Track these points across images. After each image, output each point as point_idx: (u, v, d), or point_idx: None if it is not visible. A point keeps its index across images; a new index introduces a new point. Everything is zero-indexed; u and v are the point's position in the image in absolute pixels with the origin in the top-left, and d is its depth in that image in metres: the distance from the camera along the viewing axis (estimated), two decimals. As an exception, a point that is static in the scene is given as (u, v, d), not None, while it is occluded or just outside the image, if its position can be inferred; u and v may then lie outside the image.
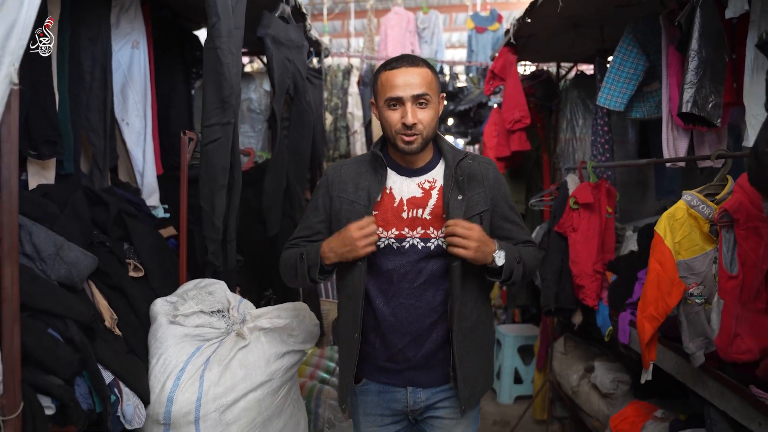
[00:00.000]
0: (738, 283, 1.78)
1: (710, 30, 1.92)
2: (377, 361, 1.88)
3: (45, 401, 1.60)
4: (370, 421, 1.93)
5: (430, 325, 1.82)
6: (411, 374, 1.86)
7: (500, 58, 3.74)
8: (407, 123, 1.71)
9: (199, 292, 2.33)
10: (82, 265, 2.02)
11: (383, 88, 1.76)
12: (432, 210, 1.80)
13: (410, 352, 1.83)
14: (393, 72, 1.74)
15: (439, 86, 1.82)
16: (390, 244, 1.80)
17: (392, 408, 1.91)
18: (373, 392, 1.91)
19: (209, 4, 1.81)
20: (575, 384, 3.80)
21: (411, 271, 1.80)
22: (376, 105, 1.83)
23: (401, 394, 1.88)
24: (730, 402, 1.99)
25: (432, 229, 1.80)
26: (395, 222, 1.81)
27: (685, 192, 2.02)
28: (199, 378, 2.10)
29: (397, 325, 1.82)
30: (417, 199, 1.82)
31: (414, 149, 1.76)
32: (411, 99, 1.71)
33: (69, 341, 1.77)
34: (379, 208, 1.81)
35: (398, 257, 1.81)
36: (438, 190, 1.83)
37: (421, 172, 1.85)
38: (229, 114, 1.93)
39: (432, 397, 1.88)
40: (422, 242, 1.80)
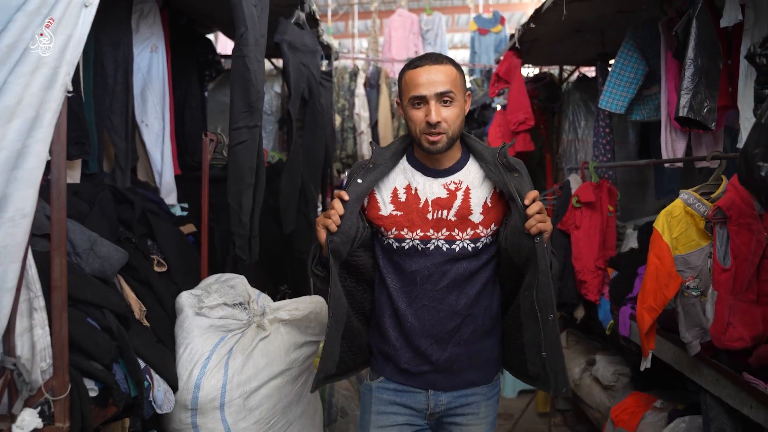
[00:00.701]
0: (731, 275, 1.91)
1: (705, 39, 2.05)
2: (399, 363, 1.83)
3: (89, 384, 1.73)
4: (383, 420, 1.86)
5: (453, 329, 1.79)
6: (433, 377, 1.82)
7: (505, 62, 3.86)
8: (431, 121, 1.66)
9: (221, 286, 2.45)
10: (113, 260, 2.15)
11: (407, 87, 1.71)
12: (457, 211, 1.76)
13: (433, 355, 1.80)
14: (416, 71, 1.69)
15: (464, 84, 1.77)
16: (415, 246, 1.77)
17: (410, 407, 1.85)
18: (390, 390, 1.86)
19: (238, 16, 1.92)
20: (577, 377, 3.93)
21: (435, 273, 1.77)
22: (401, 104, 1.78)
23: (422, 396, 1.84)
24: (724, 388, 2.11)
25: (457, 230, 1.76)
26: (420, 223, 1.77)
27: (682, 191, 2.15)
28: (223, 366, 2.23)
29: (420, 327, 1.79)
30: (442, 200, 1.77)
31: (439, 149, 1.71)
32: (435, 97, 1.67)
33: (106, 330, 1.90)
34: (405, 209, 1.78)
35: (422, 259, 1.77)
36: (464, 192, 1.78)
37: (447, 173, 1.80)
38: (256, 117, 2.05)
39: (453, 401, 1.84)
40: (447, 244, 1.76)
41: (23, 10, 1.33)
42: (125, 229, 2.56)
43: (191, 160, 3.46)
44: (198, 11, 3.63)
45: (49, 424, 1.58)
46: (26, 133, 1.40)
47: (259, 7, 2.05)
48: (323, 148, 3.24)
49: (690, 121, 2.05)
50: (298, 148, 2.94)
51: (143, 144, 3.33)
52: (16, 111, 1.37)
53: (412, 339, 1.80)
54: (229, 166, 2.10)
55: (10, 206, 1.41)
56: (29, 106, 1.38)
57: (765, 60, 1.40)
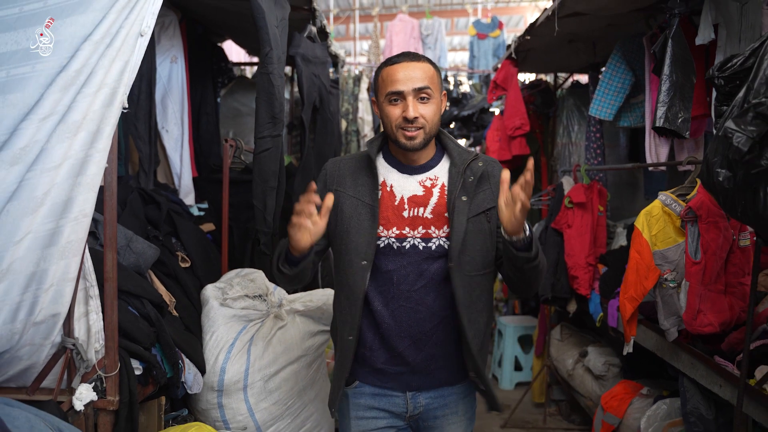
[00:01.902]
0: (701, 268, 2.14)
1: (680, 57, 2.28)
2: (375, 364, 1.79)
3: (134, 364, 1.95)
4: (362, 425, 1.83)
5: (430, 329, 1.75)
6: (409, 378, 1.80)
7: (502, 70, 4.09)
8: (408, 117, 1.64)
9: (242, 280, 2.68)
10: (147, 255, 2.38)
11: (384, 83, 1.69)
12: (433, 209, 1.73)
13: (410, 356, 1.76)
14: (394, 67, 1.68)
15: (441, 82, 1.76)
16: (390, 244, 1.73)
17: (389, 410, 1.83)
18: (367, 395, 1.83)
19: (263, 37, 2.15)
20: (570, 368, 4.14)
21: (412, 272, 1.72)
22: (377, 102, 1.76)
23: (401, 399, 1.81)
24: (698, 370, 2.35)
25: (433, 228, 1.72)
26: (396, 221, 1.73)
27: (660, 192, 2.38)
28: (246, 352, 2.46)
29: (397, 328, 1.74)
30: (418, 197, 1.74)
31: (416, 145, 1.68)
32: (412, 93, 1.65)
33: (145, 317, 2.13)
34: (380, 207, 1.75)
35: (398, 258, 1.73)
36: (440, 188, 1.75)
37: (422, 170, 1.77)
38: (279, 127, 2.28)
39: (432, 401, 1.82)
40: (423, 242, 1.72)
41: (89, 39, 1.56)
42: (153, 227, 2.79)
43: (210, 163, 3.69)
44: (213, 22, 3.86)
45: (102, 398, 1.80)
46: (89, 144, 1.62)
47: (280, 27, 2.28)
48: (332, 153, 3.47)
49: (666, 131, 2.29)
50: (311, 152, 3.17)
51: (163, 148, 3.57)
52: (82, 125, 1.60)
53: (389, 340, 1.76)
54: (254, 171, 2.32)
55: (74, 207, 1.64)
56: (92, 121, 1.61)
57: (722, 82, 1.62)
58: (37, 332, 1.69)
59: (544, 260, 1.71)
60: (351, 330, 1.75)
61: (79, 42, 1.56)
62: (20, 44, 1.55)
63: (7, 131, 1.53)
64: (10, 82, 1.54)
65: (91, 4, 1.57)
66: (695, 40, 2.40)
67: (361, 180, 1.77)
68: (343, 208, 1.76)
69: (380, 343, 1.78)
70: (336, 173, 1.82)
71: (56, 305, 1.69)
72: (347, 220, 1.75)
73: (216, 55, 4.29)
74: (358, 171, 1.80)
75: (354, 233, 1.73)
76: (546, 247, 3.78)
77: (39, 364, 1.75)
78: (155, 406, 2.17)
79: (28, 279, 1.62)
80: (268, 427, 2.45)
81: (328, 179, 1.82)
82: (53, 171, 1.59)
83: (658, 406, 2.82)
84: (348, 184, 1.78)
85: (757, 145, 1.45)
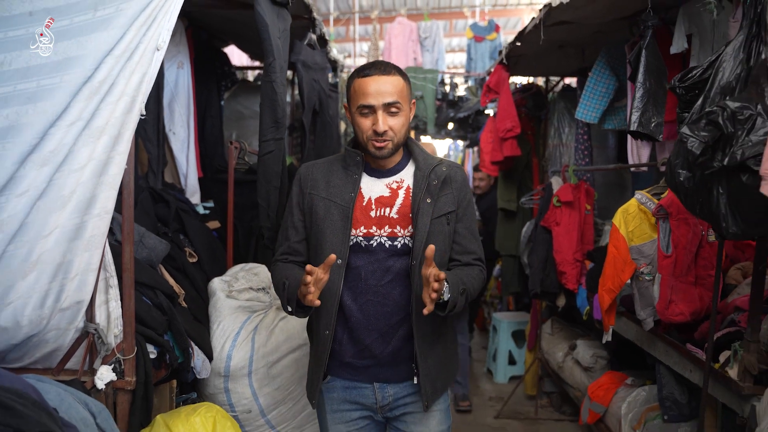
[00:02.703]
0: (672, 261, 2.31)
1: (653, 66, 2.45)
2: (343, 358, 1.87)
3: (149, 348, 2.12)
4: (338, 418, 1.92)
5: (397, 323, 1.83)
6: (377, 371, 1.87)
7: (495, 75, 4.26)
8: (378, 131, 1.74)
9: (246, 274, 2.86)
10: (158, 250, 2.55)
11: (356, 95, 1.77)
12: (399, 209, 1.83)
13: (377, 348, 1.84)
14: (365, 80, 1.75)
15: (410, 93, 1.85)
16: (359, 242, 1.82)
17: (360, 402, 1.90)
18: (339, 388, 1.91)
19: (266, 48, 2.32)
20: (560, 360, 4.32)
21: (378, 269, 1.81)
22: (348, 110, 1.85)
23: (369, 390, 1.89)
24: (672, 357, 2.52)
25: (399, 227, 1.82)
26: (363, 220, 1.82)
27: (637, 191, 2.55)
28: (250, 340, 2.63)
29: (365, 321, 1.82)
30: (385, 198, 1.84)
31: (384, 154, 1.79)
32: (382, 107, 1.74)
33: (158, 306, 2.30)
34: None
35: (366, 255, 1.82)
36: (405, 190, 1.85)
37: (390, 173, 1.88)
38: (281, 131, 2.45)
39: (400, 391, 1.89)
40: (389, 240, 1.81)
41: (112, 54, 1.73)
42: (162, 224, 2.97)
43: (215, 164, 3.86)
44: (217, 29, 4.03)
45: (120, 378, 1.97)
46: (111, 147, 1.80)
47: (282, 38, 2.45)
48: (331, 153, 3.63)
49: (641, 134, 2.46)
50: (311, 154, 3.35)
51: (170, 150, 3.73)
52: (104, 130, 1.77)
53: (357, 333, 1.84)
54: (258, 172, 2.50)
55: (97, 205, 1.81)
56: (113, 127, 1.78)
57: (683, 91, 1.79)
58: (63, 318, 1.86)
59: (474, 290, 1.83)
60: (327, 325, 1.83)
61: (103, 56, 1.73)
62: (49, 58, 1.72)
63: (37, 136, 1.71)
64: (40, 91, 1.72)
65: (113, 21, 1.74)
66: (670, 49, 2.57)
67: (334, 182, 1.86)
68: (317, 210, 1.85)
69: (349, 337, 1.85)
70: (309, 177, 1.90)
71: (80, 293, 1.86)
72: (321, 221, 1.83)
73: (220, 60, 4.45)
74: (331, 174, 1.88)
75: (329, 233, 1.82)
76: (536, 244, 3.96)
77: (64, 347, 1.92)
78: (167, 388, 2.35)
79: (56, 269, 1.79)
80: (271, 410, 2.62)
81: (302, 183, 1.91)
82: (79, 171, 1.76)
83: (637, 392, 2.99)
84: (321, 187, 1.87)
85: (710, 149, 1.62)
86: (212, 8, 3.18)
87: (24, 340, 1.84)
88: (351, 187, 1.83)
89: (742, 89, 1.65)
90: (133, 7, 1.75)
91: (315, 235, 1.86)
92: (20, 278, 1.75)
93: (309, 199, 1.87)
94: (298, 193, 1.91)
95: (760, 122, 1.54)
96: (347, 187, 1.84)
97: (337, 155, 1.97)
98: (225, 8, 3.12)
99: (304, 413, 2.73)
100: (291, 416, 2.67)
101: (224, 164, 3.83)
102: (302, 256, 1.94)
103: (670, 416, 2.64)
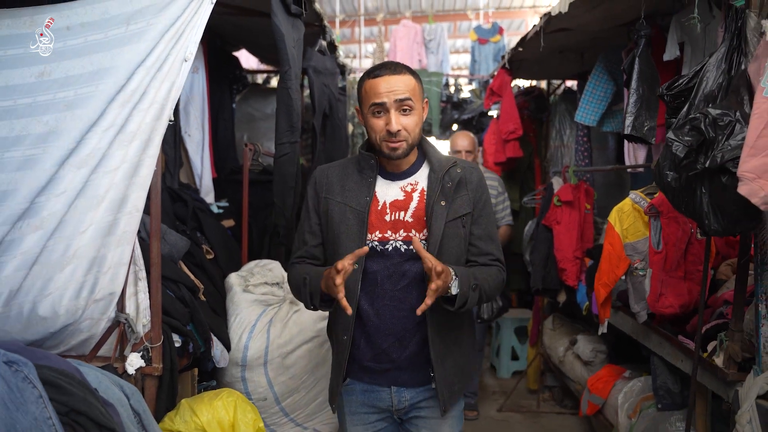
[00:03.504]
0: (662, 257, 2.46)
1: (646, 73, 2.59)
2: (362, 361, 1.86)
3: (174, 337, 2.28)
4: (356, 420, 1.93)
5: (414, 327, 1.81)
6: (395, 374, 1.86)
7: (498, 79, 4.41)
8: (392, 130, 1.71)
9: (261, 269, 3.01)
10: (179, 246, 2.71)
11: (367, 96, 1.76)
12: (413, 212, 1.81)
13: (394, 353, 1.82)
14: (376, 80, 1.74)
15: (422, 92, 1.83)
16: (374, 247, 1.80)
17: (377, 406, 1.90)
18: (357, 391, 1.91)
19: (282, 57, 2.47)
20: (561, 355, 4.45)
21: (394, 273, 1.79)
22: (361, 112, 1.83)
23: (386, 393, 1.88)
24: (664, 348, 2.66)
25: (414, 231, 1.79)
26: (378, 225, 1.81)
27: (631, 191, 2.70)
28: (266, 332, 2.78)
29: (381, 326, 1.81)
30: (399, 201, 1.82)
31: (399, 155, 1.76)
32: (394, 105, 1.72)
33: (180, 299, 2.45)
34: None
35: (382, 259, 1.80)
36: (419, 193, 1.83)
37: (404, 176, 1.85)
38: (296, 135, 2.60)
39: (416, 396, 1.88)
40: (404, 245, 1.79)
41: (143, 65, 1.88)
42: (180, 223, 3.13)
43: (227, 165, 4.02)
44: (229, 34, 4.19)
45: (148, 365, 2.13)
46: (142, 151, 1.95)
47: (297, 47, 2.61)
48: (341, 155, 3.79)
49: (634, 137, 2.60)
50: (321, 155, 3.50)
51: (186, 152, 3.89)
52: (136, 135, 1.92)
53: (374, 337, 1.82)
54: (275, 173, 2.65)
55: (129, 203, 1.96)
56: (144, 132, 1.94)
57: (670, 99, 1.93)
58: (96, 308, 2.01)
59: (491, 288, 1.80)
60: (345, 330, 1.83)
61: (135, 67, 1.88)
62: (85, 68, 1.88)
63: (75, 140, 1.86)
64: (77, 100, 1.87)
65: (144, 35, 1.89)
66: (663, 56, 2.71)
67: (349, 186, 1.85)
68: (332, 214, 1.84)
69: (366, 341, 1.84)
70: (324, 181, 1.89)
71: (112, 285, 2.01)
72: (337, 225, 1.82)
73: (231, 64, 4.62)
74: (346, 177, 1.87)
75: (345, 238, 1.80)
76: (537, 242, 4.10)
77: (97, 335, 2.08)
78: (189, 376, 2.50)
79: (90, 263, 1.95)
80: (285, 398, 2.77)
81: (317, 186, 1.90)
82: (112, 173, 1.92)
83: (633, 383, 3.13)
84: (336, 191, 1.86)
85: (693, 152, 1.76)
86: (229, 16, 3.34)
87: (61, 329, 1.99)
88: (366, 191, 1.82)
89: (723, 97, 1.80)
90: (163, 21, 1.90)
91: (331, 240, 1.86)
92: (58, 271, 1.91)
93: (324, 202, 1.87)
94: (313, 196, 1.91)
95: (738, 128, 1.69)
96: (362, 191, 1.82)
97: (351, 158, 1.96)
98: (241, 16, 3.28)
99: (316, 402, 2.88)
100: (304, 404, 2.82)
101: (237, 165, 3.99)
102: (319, 261, 1.93)
103: (664, 405, 2.78)
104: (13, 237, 1.86)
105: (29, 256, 1.87)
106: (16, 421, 1.35)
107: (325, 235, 1.89)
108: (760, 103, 1.59)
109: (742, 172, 1.59)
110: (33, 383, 1.45)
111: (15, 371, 1.45)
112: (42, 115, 1.86)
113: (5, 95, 1.87)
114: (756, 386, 1.88)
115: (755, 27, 1.76)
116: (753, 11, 1.80)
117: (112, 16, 1.90)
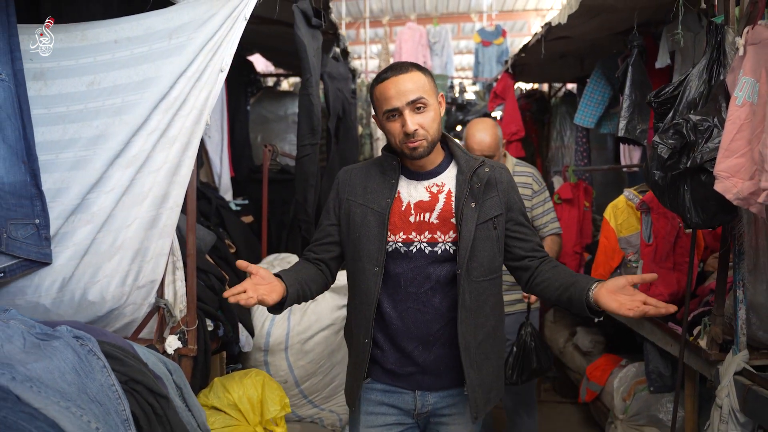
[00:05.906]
0: (652, 249, 2.67)
1: (638, 80, 2.81)
2: (384, 364, 1.83)
3: (207, 322, 2.50)
4: (371, 421, 1.87)
5: (437, 331, 1.77)
6: (419, 378, 1.81)
7: (501, 82, 4.62)
8: (408, 131, 1.67)
9: (281, 262, 3.23)
10: (207, 240, 2.93)
11: (379, 102, 1.73)
12: (439, 214, 1.76)
13: (419, 356, 1.79)
14: (385, 84, 1.71)
15: (434, 86, 1.77)
16: (398, 248, 1.76)
17: (398, 407, 1.86)
18: (378, 391, 1.86)
19: (304, 66, 2.69)
20: (562, 346, 4.65)
21: (418, 276, 1.76)
22: (377, 119, 1.81)
23: (410, 396, 1.84)
24: (656, 334, 2.87)
25: (439, 233, 1.75)
26: (402, 226, 1.77)
27: (625, 189, 2.91)
28: (287, 320, 3.00)
29: (405, 329, 1.78)
30: (424, 203, 1.78)
31: (421, 153, 1.72)
32: (407, 106, 1.68)
33: (210, 288, 2.67)
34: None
35: (405, 261, 1.76)
36: (446, 194, 1.78)
37: (429, 176, 1.81)
38: (316, 137, 2.82)
39: (440, 401, 1.84)
40: (429, 246, 1.75)
41: (184, 75, 2.10)
42: (204, 218, 3.35)
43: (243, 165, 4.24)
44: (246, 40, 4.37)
45: (184, 346, 2.34)
46: (182, 152, 2.16)
47: (316, 56, 2.83)
48: (353, 155, 4.02)
49: (627, 140, 2.82)
50: (335, 156, 3.73)
51: (206, 152, 4.11)
52: (177, 138, 2.14)
53: (398, 341, 1.79)
54: (296, 172, 2.87)
55: (170, 200, 2.18)
56: (184, 135, 2.15)
57: (657, 105, 2.14)
58: (139, 294, 2.23)
59: None
60: (366, 333, 1.79)
61: (176, 77, 2.10)
62: (132, 78, 2.10)
63: (122, 143, 2.07)
64: (125, 106, 2.09)
65: (185, 48, 2.11)
66: (655, 64, 2.93)
67: (371, 187, 1.82)
68: (354, 217, 1.81)
69: (390, 344, 1.81)
70: (347, 182, 1.87)
71: (154, 274, 2.23)
72: (358, 228, 1.79)
73: (246, 68, 4.84)
74: (369, 179, 1.84)
75: (365, 240, 1.77)
76: (539, 238, 4.31)
77: (139, 319, 2.29)
78: (218, 359, 2.72)
79: (135, 253, 2.16)
80: (304, 381, 2.99)
81: (340, 188, 1.88)
82: (156, 172, 2.13)
83: (628, 369, 3.35)
84: (358, 193, 1.83)
85: (677, 154, 1.98)
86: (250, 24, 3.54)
87: (107, 313, 2.20)
88: (388, 193, 1.79)
89: (703, 105, 2.01)
90: (202, 35, 2.12)
91: (353, 242, 1.82)
92: (106, 261, 2.12)
93: (346, 205, 1.85)
94: (334, 198, 1.90)
95: (716, 132, 1.90)
96: (384, 193, 1.80)
97: (374, 159, 1.93)
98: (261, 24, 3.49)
99: (332, 385, 3.09)
100: (321, 387, 3.04)
101: (254, 165, 4.21)
102: (318, 257, 1.93)
103: (656, 387, 2.99)
104: (67, 230, 2.07)
105: (81, 247, 2.07)
106: (86, 387, 1.56)
107: (347, 237, 1.85)
108: (733, 111, 1.80)
109: (718, 171, 1.80)
110: (97, 355, 1.66)
111: (82, 345, 1.66)
112: (92, 120, 2.06)
113: (59, 102, 2.09)
114: (734, 364, 2.10)
115: (732, 42, 1.97)
116: (731, 27, 2.01)
117: (156, 31, 2.11)
